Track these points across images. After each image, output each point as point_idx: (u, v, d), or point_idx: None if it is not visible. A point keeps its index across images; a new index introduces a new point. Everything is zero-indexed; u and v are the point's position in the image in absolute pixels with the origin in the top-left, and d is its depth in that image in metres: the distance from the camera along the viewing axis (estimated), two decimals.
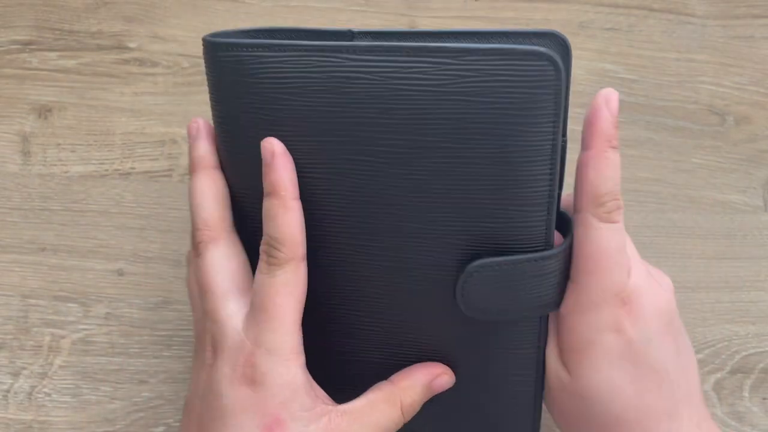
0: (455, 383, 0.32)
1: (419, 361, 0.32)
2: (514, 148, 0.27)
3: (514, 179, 0.27)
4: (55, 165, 0.42)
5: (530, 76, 0.26)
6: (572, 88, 0.43)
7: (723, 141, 0.43)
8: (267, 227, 0.28)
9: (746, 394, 0.41)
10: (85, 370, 0.40)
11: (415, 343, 0.31)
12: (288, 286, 0.28)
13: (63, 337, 0.40)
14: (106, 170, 0.42)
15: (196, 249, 0.30)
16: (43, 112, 0.42)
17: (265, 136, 0.28)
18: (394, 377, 0.31)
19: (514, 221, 0.28)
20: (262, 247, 0.29)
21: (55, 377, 0.40)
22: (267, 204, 0.28)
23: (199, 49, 0.43)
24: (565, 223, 0.30)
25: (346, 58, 0.27)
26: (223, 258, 0.29)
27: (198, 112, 0.42)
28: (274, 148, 0.28)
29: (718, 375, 0.41)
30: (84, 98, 0.42)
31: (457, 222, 0.28)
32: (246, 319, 0.28)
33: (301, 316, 0.29)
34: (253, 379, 0.28)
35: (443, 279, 0.29)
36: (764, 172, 0.43)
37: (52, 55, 0.42)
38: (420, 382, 0.31)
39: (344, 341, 0.32)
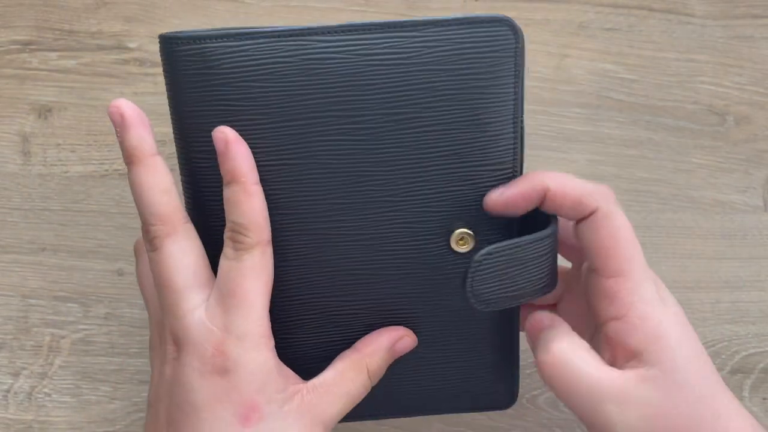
0: (430, 348, 0.33)
1: None
2: (481, 110, 0.29)
3: (483, 140, 0.30)
4: (55, 165, 0.42)
5: (492, 41, 0.29)
6: (572, 88, 0.43)
7: (723, 141, 0.43)
8: (231, 214, 0.28)
9: (746, 394, 0.41)
10: (85, 370, 0.40)
11: (393, 320, 0.32)
12: (256, 270, 0.28)
13: (63, 337, 0.40)
14: (106, 170, 0.42)
15: (151, 244, 0.29)
16: (43, 112, 0.42)
17: (233, 127, 0.28)
18: (358, 344, 0.32)
19: (484, 182, 0.30)
20: (226, 234, 0.29)
21: (55, 377, 0.40)
22: (228, 192, 0.28)
23: None
24: (544, 217, 0.31)
25: (317, 40, 0.28)
26: (180, 252, 0.29)
27: None
28: (227, 136, 0.28)
29: None
30: (84, 98, 0.42)
31: (431, 190, 0.30)
32: (210, 308, 0.28)
33: (269, 300, 0.29)
34: (224, 368, 0.27)
35: (420, 249, 0.31)
36: (764, 172, 0.43)
37: (52, 55, 0.42)
38: (384, 345, 0.31)
39: (322, 324, 0.32)
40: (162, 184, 0.29)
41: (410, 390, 0.34)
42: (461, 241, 0.31)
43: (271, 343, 0.29)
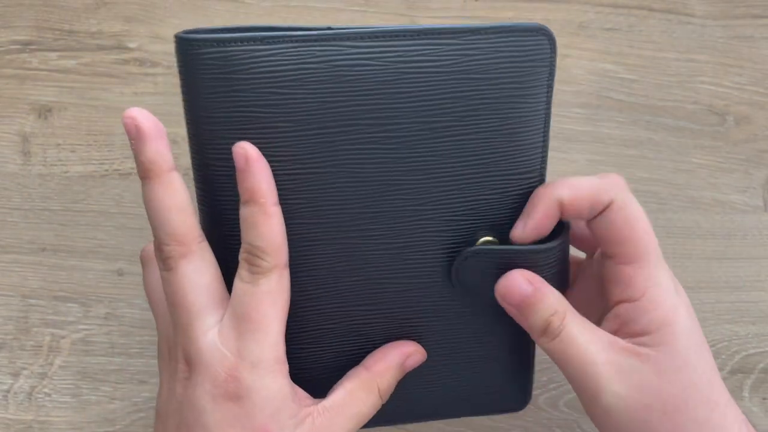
0: (447, 357, 0.33)
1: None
2: (514, 120, 0.29)
3: (513, 149, 0.29)
4: (55, 165, 0.42)
5: (529, 51, 0.28)
6: (572, 88, 0.43)
7: (723, 141, 0.43)
8: (248, 235, 0.27)
9: (746, 394, 0.41)
10: (85, 370, 0.40)
11: (414, 329, 0.32)
12: (272, 294, 0.27)
13: (63, 337, 0.40)
14: (106, 170, 0.42)
15: (165, 263, 0.28)
16: (43, 112, 0.42)
17: (257, 135, 0.27)
18: (368, 362, 0.31)
19: (511, 191, 0.30)
20: (242, 255, 0.28)
21: (55, 377, 0.40)
22: (246, 211, 0.27)
23: None
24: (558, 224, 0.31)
25: (348, 46, 0.27)
26: (195, 273, 0.28)
27: None
28: (247, 152, 0.27)
29: None
30: (84, 98, 0.42)
31: (460, 199, 0.30)
32: (224, 330, 0.27)
33: (285, 324, 0.28)
34: (237, 394, 0.27)
35: (446, 258, 0.30)
36: (764, 172, 0.43)
37: (52, 55, 0.42)
38: (394, 363, 0.31)
39: (344, 334, 0.32)
40: (178, 202, 0.28)
41: (424, 396, 0.34)
42: None
43: (286, 368, 0.28)
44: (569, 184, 0.29)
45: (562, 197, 0.29)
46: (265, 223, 0.27)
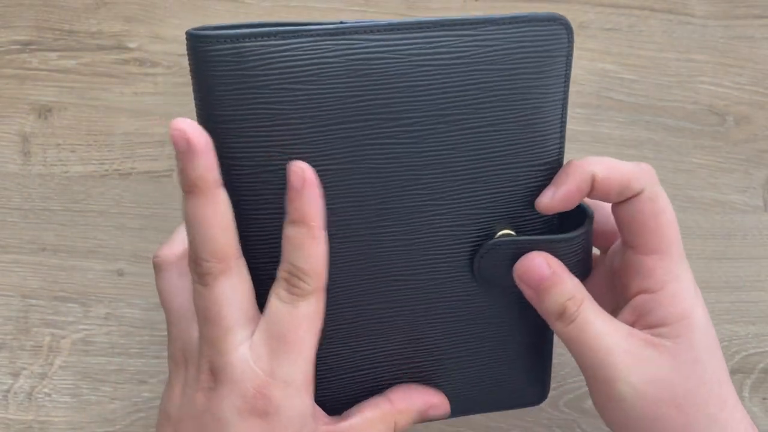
0: (477, 358, 0.33)
1: (436, 348, 0.32)
2: (531, 111, 0.29)
3: (530, 140, 0.29)
4: (55, 165, 0.42)
5: (546, 40, 0.28)
6: (572, 88, 0.43)
7: (723, 141, 0.43)
8: (291, 255, 0.27)
9: (746, 395, 0.41)
10: (85, 370, 0.40)
11: (433, 326, 0.32)
12: (310, 318, 0.27)
13: (63, 338, 0.40)
14: (106, 170, 0.42)
15: (201, 278, 0.28)
16: (43, 112, 0.42)
17: (271, 132, 0.27)
18: (392, 395, 0.31)
19: (530, 182, 0.30)
20: (282, 274, 0.28)
21: (55, 377, 0.40)
22: (293, 231, 0.27)
23: None
24: (581, 215, 0.31)
25: (363, 39, 0.27)
26: (231, 289, 0.28)
27: None
28: (305, 174, 0.27)
29: None
30: (84, 98, 0.42)
31: (478, 193, 0.29)
32: (255, 347, 0.27)
33: (318, 346, 0.28)
34: (265, 411, 0.27)
35: (464, 252, 0.30)
36: (764, 172, 0.43)
37: (52, 55, 0.42)
38: (417, 407, 0.31)
39: (358, 333, 0.31)
40: (224, 220, 0.27)
41: (445, 392, 0.33)
42: None
43: (312, 387, 0.28)
44: (605, 163, 0.29)
45: (596, 173, 0.29)
46: (312, 246, 0.27)
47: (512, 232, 0.30)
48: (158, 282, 0.31)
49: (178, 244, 0.31)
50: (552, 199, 0.29)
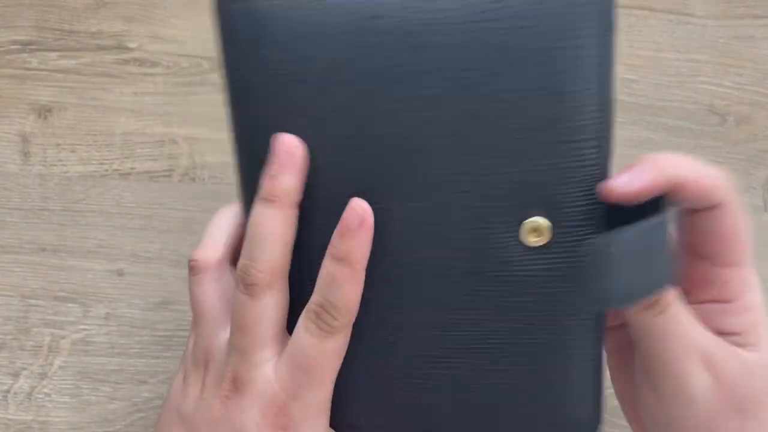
0: (500, 364, 0.29)
1: (462, 344, 0.29)
2: (559, 77, 0.25)
3: (561, 111, 0.25)
4: (55, 165, 0.42)
5: None
6: None
7: (723, 141, 0.43)
8: (326, 291, 0.27)
9: None
10: (85, 370, 0.40)
11: (457, 325, 0.28)
12: (335, 354, 0.28)
13: (63, 338, 0.40)
14: (106, 170, 0.42)
15: (248, 288, 0.27)
16: (43, 112, 0.42)
17: (287, 98, 0.26)
18: None
19: (563, 161, 0.26)
20: (313, 307, 0.27)
21: (54, 377, 0.40)
22: (335, 268, 0.27)
23: (199, 49, 0.43)
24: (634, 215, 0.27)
25: None
26: (271, 306, 0.28)
27: (198, 113, 0.42)
28: (365, 215, 0.26)
29: None
30: (84, 98, 0.42)
31: (500, 169, 0.26)
32: (280, 370, 0.28)
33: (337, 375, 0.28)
34: (285, 426, 0.27)
35: (486, 239, 0.27)
36: (764, 172, 0.43)
37: (52, 55, 0.42)
38: None
39: (374, 326, 0.29)
40: (289, 237, 0.27)
41: (477, 408, 0.29)
42: (534, 233, 0.26)
43: (328, 415, 0.29)
44: (693, 167, 0.27)
45: (682, 176, 0.26)
46: (351, 287, 0.27)
47: (545, 221, 0.26)
48: (192, 285, 0.31)
49: (212, 248, 0.31)
50: (628, 185, 0.26)
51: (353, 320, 0.28)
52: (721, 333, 0.29)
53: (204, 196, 0.41)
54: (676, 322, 0.28)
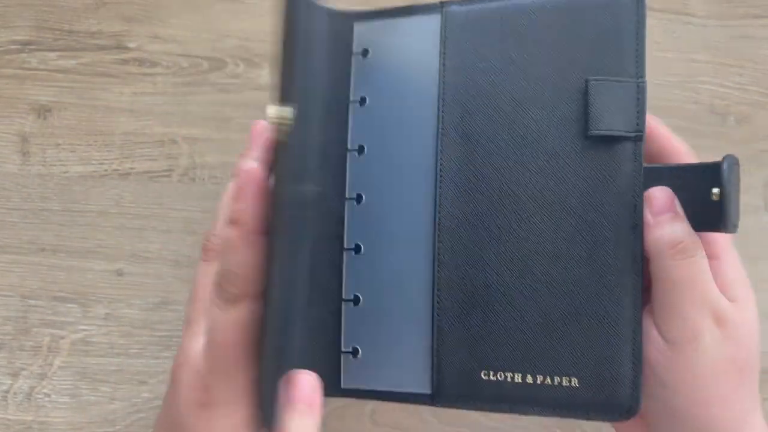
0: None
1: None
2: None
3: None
4: (55, 165, 0.42)
5: None
6: None
7: (723, 141, 0.43)
8: (225, 258, 0.27)
9: None
10: (85, 370, 0.40)
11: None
12: (240, 325, 0.27)
13: (62, 338, 0.40)
14: (106, 170, 0.42)
15: (204, 254, 0.29)
16: (43, 112, 0.42)
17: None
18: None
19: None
20: (215, 278, 0.27)
21: (54, 378, 0.40)
22: (228, 231, 0.27)
23: (199, 49, 0.43)
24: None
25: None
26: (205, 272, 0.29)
27: (198, 113, 0.42)
28: (255, 174, 0.26)
29: None
30: (84, 98, 0.42)
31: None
32: (204, 343, 0.28)
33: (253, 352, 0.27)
34: (206, 404, 0.27)
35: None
36: (764, 172, 0.43)
37: (52, 55, 0.42)
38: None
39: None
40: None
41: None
42: None
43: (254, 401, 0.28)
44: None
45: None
46: (245, 251, 0.27)
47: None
48: (199, 267, 0.31)
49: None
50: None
51: (256, 290, 0.27)
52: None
53: (204, 196, 0.41)
54: (698, 272, 0.29)
